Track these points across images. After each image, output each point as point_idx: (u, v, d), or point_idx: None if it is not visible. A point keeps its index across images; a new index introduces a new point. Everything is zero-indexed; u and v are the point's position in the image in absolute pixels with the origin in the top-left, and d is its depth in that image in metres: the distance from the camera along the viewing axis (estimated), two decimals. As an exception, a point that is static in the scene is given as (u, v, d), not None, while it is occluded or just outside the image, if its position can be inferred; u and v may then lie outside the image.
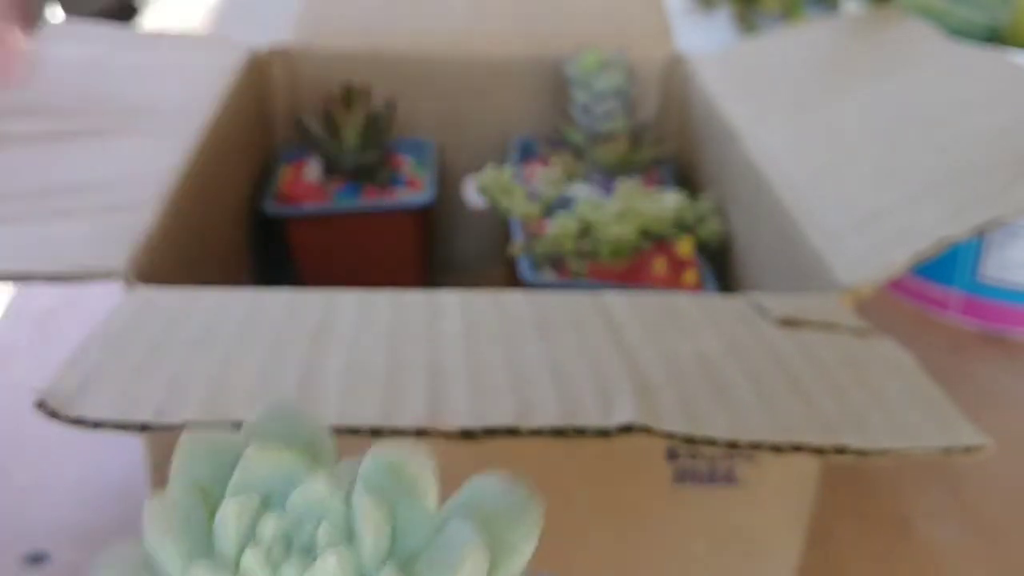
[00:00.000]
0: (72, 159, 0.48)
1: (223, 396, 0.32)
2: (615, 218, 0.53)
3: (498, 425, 0.31)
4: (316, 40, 0.66)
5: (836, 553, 0.46)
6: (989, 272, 0.61)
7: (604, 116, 0.62)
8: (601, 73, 0.63)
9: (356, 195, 0.59)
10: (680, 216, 0.55)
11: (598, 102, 0.62)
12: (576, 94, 0.63)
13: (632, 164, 0.62)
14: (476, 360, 0.34)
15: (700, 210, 0.56)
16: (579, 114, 0.63)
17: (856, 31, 0.66)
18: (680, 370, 0.34)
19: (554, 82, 0.66)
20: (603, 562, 0.40)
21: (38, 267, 0.39)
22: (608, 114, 0.62)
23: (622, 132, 0.62)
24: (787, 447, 0.31)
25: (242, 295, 0.39)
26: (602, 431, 0.31)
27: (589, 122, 0.62)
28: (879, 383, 0.35)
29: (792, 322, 0.38)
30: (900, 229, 0.43)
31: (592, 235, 0.53)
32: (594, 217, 0.53)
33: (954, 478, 0.51)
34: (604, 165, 0.61)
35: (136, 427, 0.30)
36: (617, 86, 0.62)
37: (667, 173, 0.64)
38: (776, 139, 0.54)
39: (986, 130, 0.48)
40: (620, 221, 0.53)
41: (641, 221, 0.53)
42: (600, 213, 0.53)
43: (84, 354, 0.34)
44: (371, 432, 0.30)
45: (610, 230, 0.52)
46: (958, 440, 0.32)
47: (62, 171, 0.47)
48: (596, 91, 0.62)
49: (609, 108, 0.62)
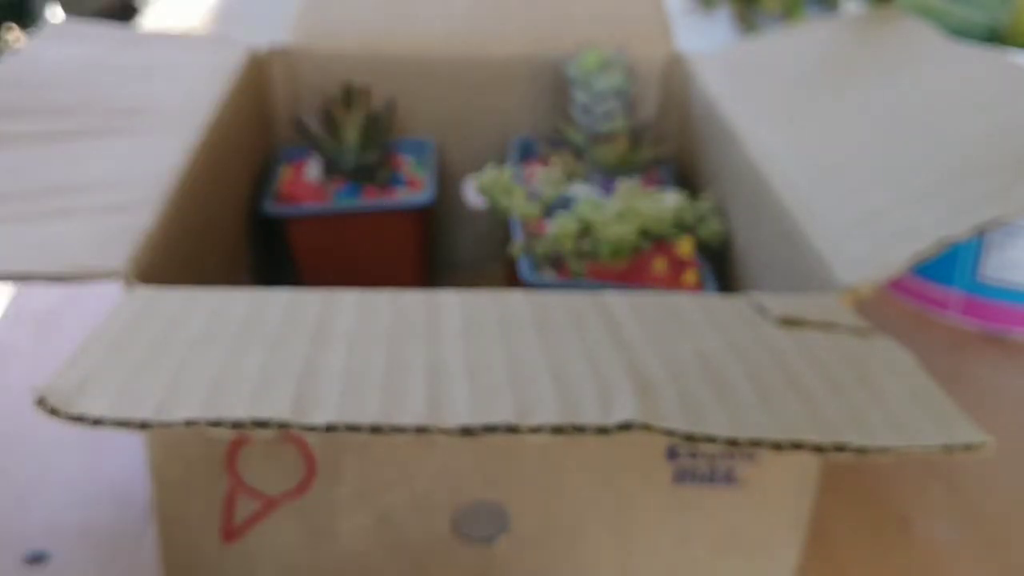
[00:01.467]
0: (72, 159, 0.48)
1: (223, 394, 0.32)
2: (615, 218, 0.53)
3: (498, 423, 0.31)
4: (316, 40, 0.66)
5: (836, 553, 0.46)
6: (989, 272, 0.61)
7: (604, 116, 0.62)
8: (601, 73, 0.62)
9: (356, 195, 0.59)
10: (680, 216, 0.55)
11: (598, 102, 0.62)
12: (576, 94, 0.63)
13: (632, 164, 0.62)
14: (476, 359, 0.34)
15: (700, 210, 0.56)
16: (579, 114, 0.63)
17: (856, 31, 0.66)
18: (680, 369, 0.34)
19: (554, 82, 0.66)
20: (603, 562, 0.40)
21: (38, 267, 0.39)
22: (608, 114, 0.62)
23: (622, 132, 0.62)
24: (787, 445, 0.31)
25: (242, 295, 0.39)
26: (601, 429, 0.30)
27: (589, 122, 0.62)
28: (879, 382, 0.35)
29: (792, 321, 0.38)
30: (900, 229, 0.43)
31: (592, 235, 0.53)
32: (594, 217, 0.53)
33: (954, 478, 0.51)
34: (604, 165, 0.61)
35: (136, 425, 0.30)
36: (617, 86, 0.62)
37: (667, 173, 0.64)
38: (776, 139, 0.54)
39: (986, 130, 0.48)
40: (620, 221, 0.53)
41: (641, 221, 0.53)
42: (600, 213, 0.53)
43: (84, 353, 0.34)
44: (371, 430, 0.30)
45: (610, 230, 0.52)
46: (958, 438, 0.32)
47: (62, 171, 0.47)
48: (596, 91, 0.62)
49: (609, 108, 0.62)
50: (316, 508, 0.38)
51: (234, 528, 0.38)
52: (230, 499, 0.38)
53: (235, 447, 0.37)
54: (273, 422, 0.30)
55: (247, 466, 0.37)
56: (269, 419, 0.30)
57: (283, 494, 0.38)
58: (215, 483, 0.38)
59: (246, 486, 0.38)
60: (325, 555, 0.39)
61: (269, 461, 0.37)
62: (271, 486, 0.38)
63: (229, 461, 0.37)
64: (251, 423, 0.30)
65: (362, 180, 0.60)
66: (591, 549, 0.40)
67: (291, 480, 0.38)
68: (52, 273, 0.39)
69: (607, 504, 0.39)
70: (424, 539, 0.39)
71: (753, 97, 0.60)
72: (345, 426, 0.30)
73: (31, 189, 0.46)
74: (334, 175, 0.60)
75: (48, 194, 0.45)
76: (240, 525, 0.38)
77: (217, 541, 0.39)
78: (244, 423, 0.30)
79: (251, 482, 0.38)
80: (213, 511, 0.38)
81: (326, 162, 0.60)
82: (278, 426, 0.30)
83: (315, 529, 0.39)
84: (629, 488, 0.39)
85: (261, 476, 0.38)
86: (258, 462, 0.37)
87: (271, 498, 0.38)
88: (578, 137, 0.63)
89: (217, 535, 0.39)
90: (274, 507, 0.38)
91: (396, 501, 0.38)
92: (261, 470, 0.37)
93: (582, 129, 0.63)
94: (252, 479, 0.38)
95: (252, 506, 0.38)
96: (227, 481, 0.37)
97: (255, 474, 0.38)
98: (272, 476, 0.38)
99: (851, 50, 0.64)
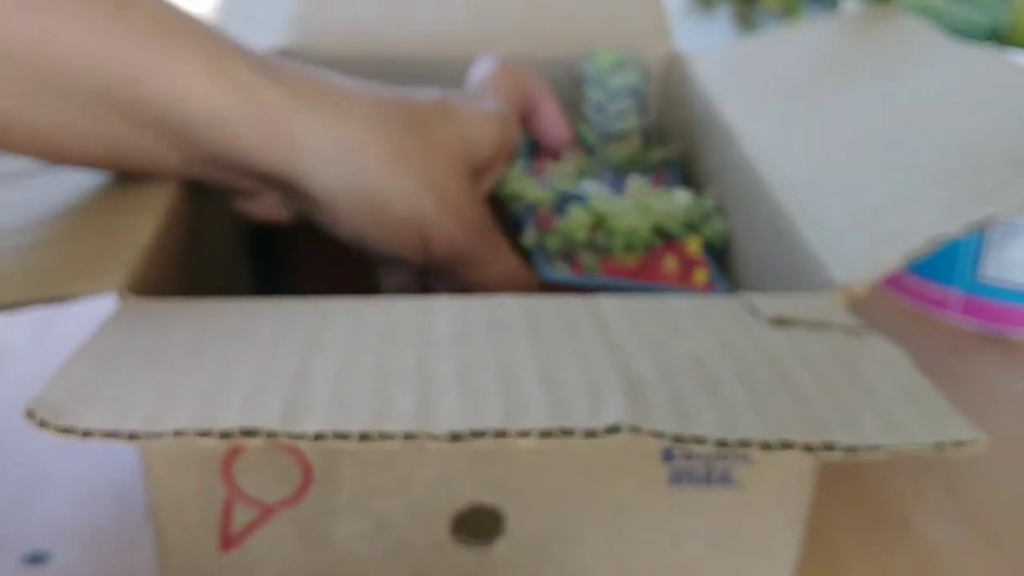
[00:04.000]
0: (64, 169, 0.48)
1: (213, 404, 0.32)
2: (631, 208, 0.52)
3: (486, 428, 0.31)
4: (316, 40, 0.66)
5: (836, 553, 0.46)
6: (989, 272, 0.61)
7: (618, 115, 0.61)
8: (617, 72, 0.62)
9: None
10: (688, 216, 0.55)
11: (613, 100, 0.62)
12: (591, 92, 0.62)
13: (643, 163, 0.62)
14: (466, 364, 0.34)
15: (704, 208, 0.56)
16: (592, 112, 0.62)
17: (855, 31, 0.66)
18: (671, 370, 0.34)
19: (555, 82, 0.66)
20: (600, 564, 0.40)
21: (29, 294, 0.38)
22: (622, 113, 0.61)
23: (635, 131, 0.61)
24: (776, 445, 0.31)
25: (233, 305, 0.39)
26: (590, 432, 0.31)
27: (602, 120, 0.62)
28: (871, 379, 0.35)
29: (784, 321, 0.38)
30: (896, 227, 0.43)
31: (606, 226, 0.52)
32: (607, 209, 0.52)
33: (953, 478, 0.51)
34: (615, 164, 0.61)
35: (125, 436, 0.30)
36: (632, 85, 0.62)
37: (674, 173, 0.63)
38: (774, 138, 0.54)
39: (985, 130, 0.48)
40: (635, 212, 0.52)
41: (654, 216, 0.53)
42: (613, 205, 0.53)
43: (73, 365, 0.34)
44: (360, 438, 0.30)
45: (624, 219, 0.51)
46: (951, 435, 0.32)
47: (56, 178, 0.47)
48: (611, 89, 0.62)
49: (624, 107, 0.61)
50: (313, 515, 0.38)
51: (232, 537, 0.39)
52: (227, 508, 0.38)
53: (231, 456, 0.37)
54: (262, 431, 0.30)
55: (243, 475, 0.37)
56: (258, 428, 0.31)
57: (280, 502, 0.38)
58: (212, 492, 0.38)
59: (243, 495, 0.38)
60: (323, 562, 0.39)
61: (265, 469, 0.37)
62: (268, 494, 0.38)
63: (225, 470, 0.37)
64: (240, 432, 0.30)
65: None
66: (588, 551, 0.40)
67: (288, 488, 0.38)
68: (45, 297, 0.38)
69: (604, 507, 0.39)
70: (421, 544, 0.39)
71: (752, 96, 0.60)
72: (334, 434, 0.30)
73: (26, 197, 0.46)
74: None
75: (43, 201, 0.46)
76: (238, 533, 0.39)
77: (215, 550, 0.39)
78: (233, 432, 0.30)
79: (248, 491, 0.38)
80: (210, 520, 0.38)
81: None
82: (267, 435, 0.30)
83: (313, 536, 0.39)
84: (625, 491, 0.39)
85: (258, 484, 0.38)
86: (254, 471, 0.37)
87: (268, 506, 0.38)
88: (591, 135, 0.62)
89: (215, 544, 0.39)
90: (271, 515, 0.38)
91: (393, 506, 0.38)
92: (258, 478, 0.37)
93: (595, 127, 0.62)
94: (249, 488, 0.38)
95: (249, 514, 0.38)
96: (224, 490, 0.38)
97: (252, 483, 0.38)
98: (269, 484, 0.38)
99: (850, 50, 0.64)
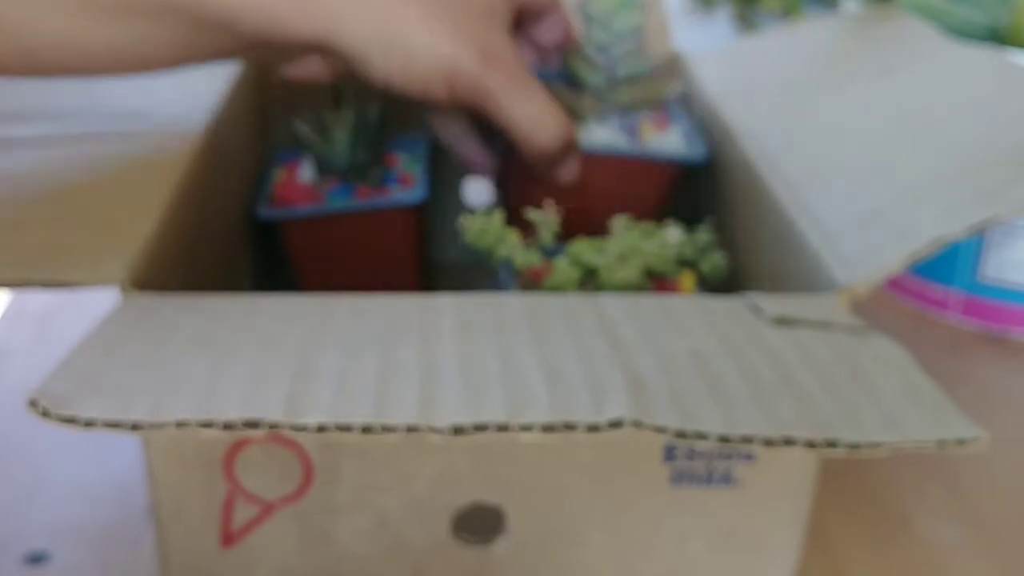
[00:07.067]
0: (69, 163, 0.48)
1: (215, 396, 0.32)
2: (618, 260, 0.51)
3: (488, 422, 0.31)
4: None
5: (836, 553, 0.46)
6: (989, 272, 0.61)
7: (623, 56, 0.60)
8: (620, 12, 0.61)
9: (349, 195, 0.59)
10: (681, 252, 0.53)
11: (617, 42, 0.61)
12: (594, 33, 0.61)
13: (647, 102, 0.60)
14: (469, 360, 0.34)
15: (700, 243, 0.54)
16: (595, 52, 0.61)
17: (855, 30, 0.66)
18: (673, 367, 0.34)
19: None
20: (602, 563, 0.40)
21: (35, 274, 0.39)
22: (628, 54, 0.60)
23: (642, 75, 0.61)
24: (779, 441, 0.31)
25: (236, 300, 0.39)
26: (592, 427, 0.30)
27: (607, 62, 0.61)
28: (873, 378, 0.35)
29: (787, 320, 0.38)
30: (898, 228, 0.43)
31: (595, 282, 0.51)
32: (596, 262, 0.51)
33: (954, 478, 0.51)
34: (623, 105, 0.60)
35: (127, 426, 0.30)
36: (635, 25, 0.61)
37: (678, 112, 0.62)
38: (774, 138, 0.54)
39: (985, 130, 0.48)
40: (623, 264, 0.51)
41: (644, 260, 0.51)
42: (601, 256, 0.51)
43: (77, 356, 0.34)
44: (362, 430, 0.30)
45: (615, 276, 0.50)
46: (952, 433, 0.32)
47: (59, 175, 0.47)
48: (616, 30, 0.60)
49: (628, 48, 0.60)
50: (314, 512, 0.38)
51: (233, 533, 0.39)
52: (228, 504, 0.38)
53: (233, 452, 0.37)
54: (264, 422, 0.30)
55: (245, 471, 0.37)
56: (260, 419, 0.31)
57: (281, 499, 0.38)
58: (213, 488, 0.38)
59: (244, 491, 0.38)
60: (323, 559, 0.39)
61: (267, 466, 0.37)
62: (269, 491, 0.38)
63: (227, 466, 0.37)
64: (242, 423, 0.30)
65: (354, 180, 0.59)
66: (589, 551, 0.40)
67: (289, 485, 0.38)
68: (49, 280, 0.39)
69: (605, 506, 0.39)
70: (422, 542, 0.39)
71: (752, 96, 0.60)
72: (336, 426, 0.30)
73: (29, 194, 0.46)
74: (327, 176, 0.60)
75: (46, 199, 0.46)
76: (238, 530, 0.39)
77: (216, 546, 0.39)
78: (235, 423, 0.30)
79: (249, 487, 0.38)
80: (212, 516, 0.38)
81: (318, 163, 0.60)
82: (269, 426, 0.30)
83: (313, 533, 0.39)
84: (627, 490, 0.39)
85: (259, 481, 0.38)
86: (256, 467, 0.37)
87: (269, 503, 0.38)
88: (596, 77, 0.61)
89: (216, 540, 0.39)
90: (272, 512, 0.38)
91: (394, 504, 0.38)
92: (259, 475, 0.37)
93: (600, 69, 0.61)
94: (250, 484, 0.38)
95: (250, 511, 0.38)
96: (225, 486, 0.38)
97: (253, 479, 0.38)
98: (270, 481, 0.38)
99: (850, 49, 0.64)
